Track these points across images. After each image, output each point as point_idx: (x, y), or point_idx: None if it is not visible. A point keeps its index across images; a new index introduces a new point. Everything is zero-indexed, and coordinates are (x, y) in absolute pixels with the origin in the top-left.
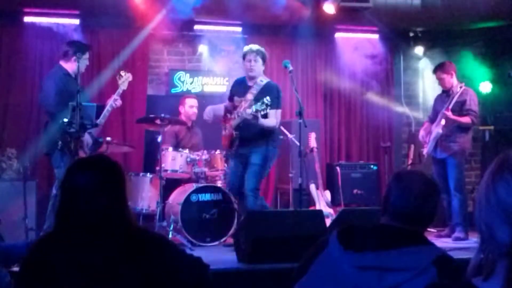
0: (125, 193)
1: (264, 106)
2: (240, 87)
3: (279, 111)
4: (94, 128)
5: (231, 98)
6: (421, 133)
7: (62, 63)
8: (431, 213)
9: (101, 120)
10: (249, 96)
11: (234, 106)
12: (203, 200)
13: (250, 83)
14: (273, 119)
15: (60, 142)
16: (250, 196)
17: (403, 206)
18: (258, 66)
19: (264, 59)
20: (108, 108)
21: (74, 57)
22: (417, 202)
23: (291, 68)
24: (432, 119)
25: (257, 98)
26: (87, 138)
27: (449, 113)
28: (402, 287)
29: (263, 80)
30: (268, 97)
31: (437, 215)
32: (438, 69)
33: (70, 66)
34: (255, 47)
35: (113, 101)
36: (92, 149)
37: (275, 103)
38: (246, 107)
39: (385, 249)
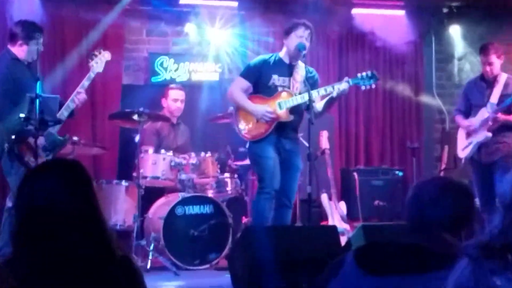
0: (96, 201)
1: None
2: (276, 65)
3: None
4: (56, 126)
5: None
6: (466, 123)
7: (9, 46)
8: (451, 218)
9: (62, 113)
10: (298, 78)
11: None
12: (191, 213)
13: (293, 62)
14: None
15: (6, 145)
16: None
17: (412, 215)
18: None
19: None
20: (68, 103)
21: (20, 42)
22: (427, 207)
23: (305, 52)
24: (464, 112)
25: (306, 79)
26: (39, 139)
27: (503, 116)
28: None
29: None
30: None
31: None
32: (492, 51)
33: (17, 51)
34: (307, 21)
35: (75, 95)
36: (51, 151)
37: None
38: (299, 88)
39: (410, 272)
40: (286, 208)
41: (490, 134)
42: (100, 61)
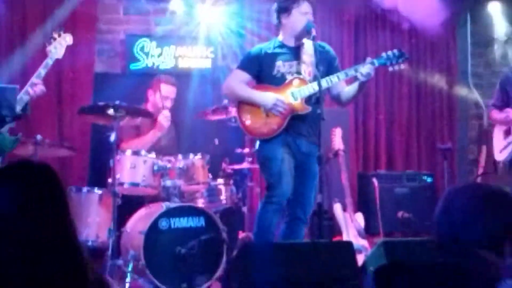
0: (67, 211)
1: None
2: (278, 50)
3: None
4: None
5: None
6: (502, 116)
7: None
8: (491, 233)
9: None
10: (308, 59)
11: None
12: (177, 227)
13: (297, 44)
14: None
15: None
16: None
17: (444, 230)
18: None
19: None
20: (21, 96)
21: None
22: (461, 221)
23: (314, 33)
24: (501, 107)
25: (320, 58)
26: None
27: None
28: None
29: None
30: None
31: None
32: None
33: None
34: None
35: (30, 86)
36: (2, 153)
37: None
38: (312, 72)
39: None
40: (300, 223)
41: None
42: (59, 46)
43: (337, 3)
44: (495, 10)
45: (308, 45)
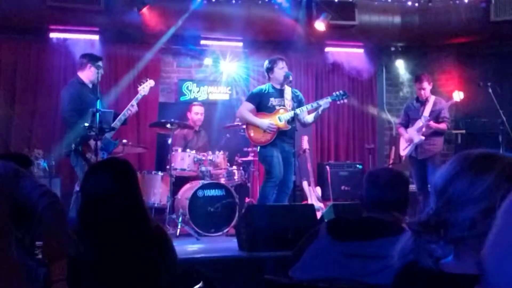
0: (137, 188)
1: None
2: (271, 91)
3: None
4: (111, 132)
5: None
6: (405, 137)
7: (79, 73)
8: (399, 198)
9: (116, 123)
10: (288, 97)
11: (271, 106)
12: (208, 195)
13: (282, 87)
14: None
15: (73, 145)
16: (287, 193)
17: (372, 196)
18: None
19: None
20: (124, 112)
21: (89, 65)
22: (382, 190)
23: (291, 78)
24: (405, 125)
25: (294, 97)
26: (98, 142)
27: (433, 124)
28: (383, 273)
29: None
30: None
31: (408, 202)
32: (424, 79)
33: (86, 74)
34: (280, 56)
35: (130, 107)
36: (106, 151)
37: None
38: (291, 104)
39: (368, 239)
40: (285, 195)
41: (423, 138)
42: (146, 87)
43: (304, 61)
44: (400, 64)
45: (287, 90)
